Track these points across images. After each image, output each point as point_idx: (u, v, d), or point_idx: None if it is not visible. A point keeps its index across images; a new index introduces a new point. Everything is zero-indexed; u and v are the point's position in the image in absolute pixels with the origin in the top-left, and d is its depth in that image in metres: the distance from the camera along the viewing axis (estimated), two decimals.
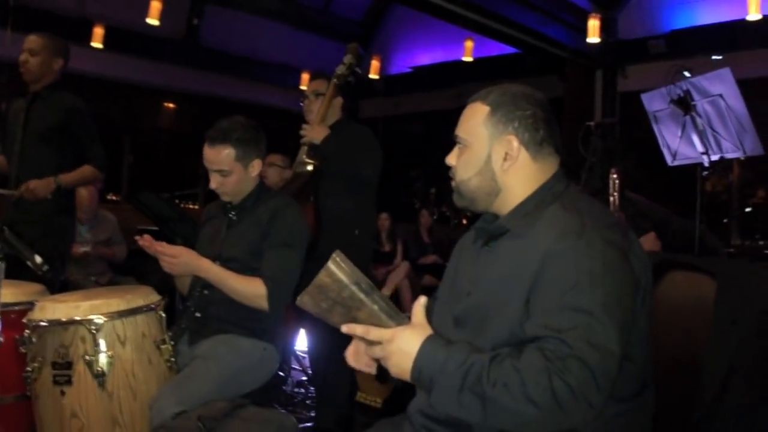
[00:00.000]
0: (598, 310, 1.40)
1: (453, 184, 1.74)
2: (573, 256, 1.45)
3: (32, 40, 3.75)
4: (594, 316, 1.40)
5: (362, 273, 1.53)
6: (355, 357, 1.73)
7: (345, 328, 1.54)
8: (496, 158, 1.65)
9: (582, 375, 1.35)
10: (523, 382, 1.36)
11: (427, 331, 1.53)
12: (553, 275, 1.46)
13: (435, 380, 1.45)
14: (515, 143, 1.63)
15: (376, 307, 1.52)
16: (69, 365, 2.30)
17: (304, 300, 1.53)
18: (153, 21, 7.67)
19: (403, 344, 1.50)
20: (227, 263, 2.64)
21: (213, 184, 2.71)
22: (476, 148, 1.67)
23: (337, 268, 1.49)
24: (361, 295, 1.51)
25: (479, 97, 1.70)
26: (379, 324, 1.53)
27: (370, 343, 1.54)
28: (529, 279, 1.49)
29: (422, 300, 1.59)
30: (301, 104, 3.72)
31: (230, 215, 2.79)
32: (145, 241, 2.54)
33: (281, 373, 3.38)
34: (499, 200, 1.68)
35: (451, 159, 1.73)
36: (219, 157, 2.64)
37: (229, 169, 2.65)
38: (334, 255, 1.52)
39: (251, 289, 2.58)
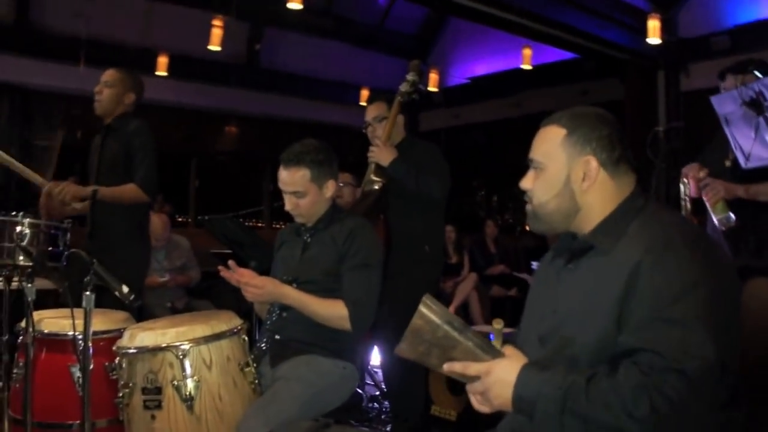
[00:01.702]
0: (690, 319, 1.41)
1: (529, 207, 1.75)
2: (662, 268, 1.47)
3: (108, 74, 3.87)
4: (688, 326, 1.41)
5: (452, 313, 1.57)
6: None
7: (446, 368, 1.57)
8: (575, 179, 1.67)
9: (681, 386, 1.36)
10: (622, 399, 1.37)
11: (523, 359, 1.56)
12: (643, 288, 1.47)
13: (536, 406, 1.47)
14: (594, 163, 1.66)
15: (470, 343, 1.56)
16: (158, 390, 2.38)
17: (403, 348, 1.57)
18: (215, 47, 7.84)
19: (501, 375, 1.53)
20: (304, 285, 2.68)
21: (288, 206, 2.75)
22: (554, 170, 1.69)
23: (429, 311, 1.54)
24: (455, 334, 1.55)
25: (552, 120, 1.72)
26: (475, 359, 1.56)
27: (470, 379, 1.58)
28: (617, 294, 1.50)
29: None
30: (364, 131, 3.75)
31: (305, 238, 2.84)
32: (227, 273, 2.59)
33: (359, 390, 3.42)
34: (577, 220, 1.70)
35: (526, 183, 1.74)
36: (294, 178, 2.69)
37: (304, 190, 2.70)
38: (424, 298, 1.56)
39: (334, 312, 2.62)
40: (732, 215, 3.11)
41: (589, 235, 1.67)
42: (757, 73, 3.17)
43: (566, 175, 1.67)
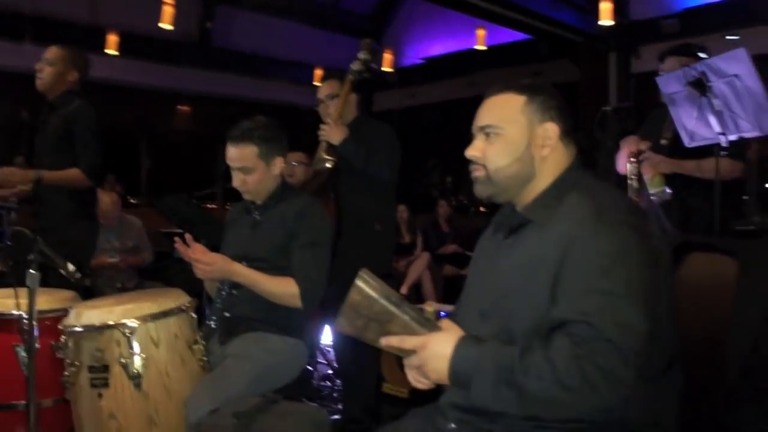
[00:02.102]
0: (621, 290, 1.44)
1: (476, 175, 1.75)
2: (594, 240, 1.50)
3: (50, 51, 3.79)
4: (618, 297, 1.44)
5: (389, 287, 1.57)
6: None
7: (383, 342, 1.58)
8: (535, 144, 1.69)
9: (611, 355, 1.39)
10: (554, 370, 1.40)
11: (459, 333, 1.57)
12: (575, 260, 1.50)
13: (472, 378, 1.49)
14: (556, 129, 1.69)
15: (407, 317, 1.57)
16: (105, 368, 2.36)
17: (341, 322, 1.58)
18: (166, 25, 7.71)
19: (437, 349, 1.54)
20: (254, 263, 2.68)
21: (235, 183, 2.76)
22: (514, 134, 1.70)
23: (366, 285, 1.55)
24: (392, 308, 1.56)
25: (505, 88, 1.74)
26: (412, 333, 1.57)
27: (407, 353, 1.59)
28: (552, 266, 1.53)
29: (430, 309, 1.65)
30: (317, 109, 3.74)
31: (254, 215, 2.83)
32: (182, 246, 2.57)
33: (309, 368, 3.43)
34: (530, 187, 1.71)
35: (475, 151, 1.74)
36: (242, 154, 2.69)
37: (251, 166, 2.70)
38: (360, 272, 1.57)
39: (285, 290, 2.62)
40: (668, 189, 3.20)
41: (526, 209, 1.70)
42: (702, 55, 3.25)
43: (527, 140, 1.69)
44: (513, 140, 1.69)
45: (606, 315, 1.42)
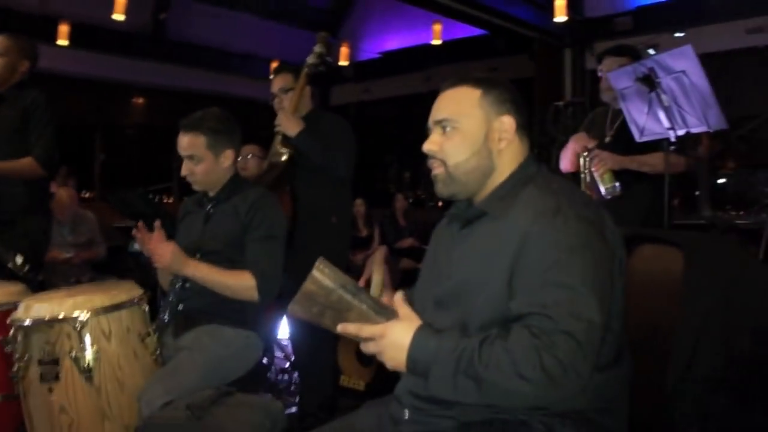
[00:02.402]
0: (578, 283, 1.47)
1: (436, 172, 1.74)
2: (550, 234, 1.51)
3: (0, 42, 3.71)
4: (575, 290, 1.46)
5: (346, 275, 1.57)
6: None
7: (339, 328, 1.58)
8: (492, 137, 1.70)
9: (569, 347, 1.42)
10: (513, 361, 1.42)
11: (417, 322, 1.57)
12: (533, 254, 1.52)
13: (430, 368, 1.50)
14: (512, 122, 1.70)
15: (364, 306, 1.57)
16: (56, 362, 2.32)
17: (295, 309, 1.58)
18: (119, 16, 7.61)
19: (395, 338, 1.55)
20: (207, 256, 2.68)
21: (183, 171, 2.76)
22: (471, 128, 1.70)
23: (322, 275, 1.55)
24: (349, 297, 1.56)
25: (460, 81, 1.74)
26: (369, 322, 1.58)
27: (364, 340, 1.59)
28: (509, 259, 1.54)
29: (399, 294, 1.64)
30: (271, 103, 3.72)
31: (207, 209, 2.82)
32: (141, 234, 2.58)
33: (265, 361, 3.42)
34: (488, 181, 1.72)
35: (432, 145, 1.73)
36: (190, 143, 2.70)
37: (199, 155, 2.70)
38: (317, 263, 1.56)
39: (241, 283, 2.62)
40: (618, 185, 3.27)
41: (483, 202, 1.71)
42: (650, 50, 3.31)
43: (484, 134, 1.69)
44: (470, 134, 1.69)
45: (564, 308, 1.45)
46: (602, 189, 3.28)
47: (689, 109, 3.07)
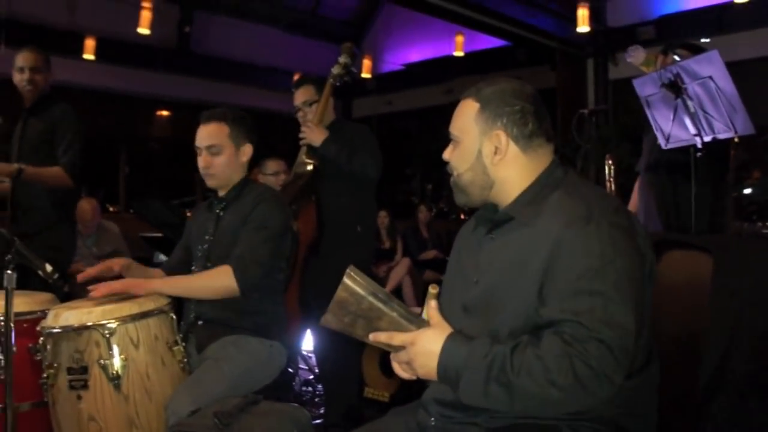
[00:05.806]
0: (611, 290, 1.46)
1: (451, 181, 1.79)
2: (583, 241, 1.51)
3: (35, 59, 3.78)
4: (608, 297, 1.46)
5: (376, 283, 1.58)
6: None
7: (371, 338, 1.59)
8: (486, 153, 1.71)
9: (601, 354, 1.41)
10: (545, 368, 1.41)
11: (447, 329, 1.58)
12: (565, 261, 1.51)
13: (461, 375, 1.50)
14: (504, 138, 1.69)
15: (395, 314, 1.58)
16: (84, 370, 2.33)
17: (328, 319, 1.58)
18: (144, 30, 7.69)
19: (426, 345, 1.55)
20: (219, 261, 2.64)
21: (201, 164, 2.73)
22: (467, 143, 1.73)
23: (353, 282, 1.55)
24: (380, 305, 1.56)
25: (471, 93, 1.76)
26: (400, 330, 1.58)
27: (395, 349, 1.60)
28: (540, 266, 1.54)
29: (433, 303, 1.64)
30: (295, 116, 3.74)
31: (217, 211, 2.81)
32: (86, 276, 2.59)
33: (290, 370, 3.42)
34: (494, 193, 1.73)
35: (446, 154, 1.79)
36: (212, 132, 2.70)
37: (221, 144, 2.70)
38: (348, 270, 1.57)
39: (216, 276, 2.58)
40: None
41: (509, 207, 1.71)
42: (675, 57, 3.29)
43: (478, 149, 1.71)
44: (466, 149, 1.73)
45: (597, 315, 1.44)
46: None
47: (716, 114, 3.05)
